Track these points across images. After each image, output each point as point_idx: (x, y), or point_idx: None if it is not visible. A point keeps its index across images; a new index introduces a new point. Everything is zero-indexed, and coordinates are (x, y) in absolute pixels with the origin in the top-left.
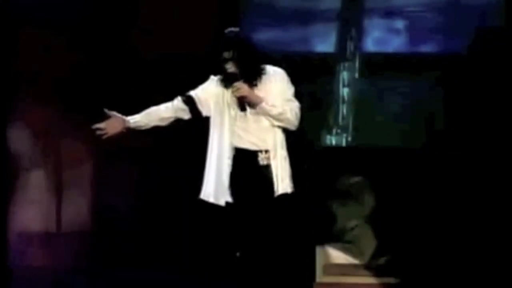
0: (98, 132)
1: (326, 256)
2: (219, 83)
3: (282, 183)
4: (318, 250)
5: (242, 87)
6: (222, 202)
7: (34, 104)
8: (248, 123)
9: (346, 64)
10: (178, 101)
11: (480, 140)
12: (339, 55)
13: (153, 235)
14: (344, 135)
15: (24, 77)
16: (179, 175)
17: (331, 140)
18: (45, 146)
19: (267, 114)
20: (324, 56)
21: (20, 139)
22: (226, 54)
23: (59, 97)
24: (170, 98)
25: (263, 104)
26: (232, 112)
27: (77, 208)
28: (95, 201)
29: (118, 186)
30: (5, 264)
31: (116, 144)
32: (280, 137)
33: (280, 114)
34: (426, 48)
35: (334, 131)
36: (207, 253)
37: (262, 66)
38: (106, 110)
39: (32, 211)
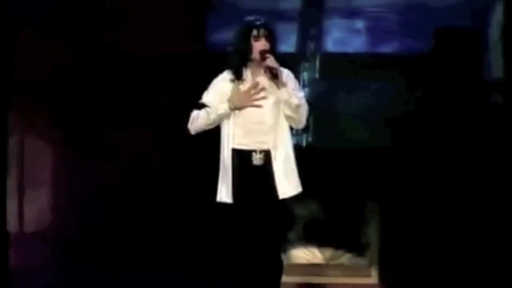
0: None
1: (288, 256)
2: (226, 80)
3: (282, 185)
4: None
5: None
6: (219, 199)
7: (30, 105)
8: (249, 123)
9: (307, 65)
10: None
11: (441, 139)
12: (300, 56)
13: (152, 236)
14: (304, 135)
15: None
16: (178, 175)
17: (292, 140)
18: (41, 146)
19: (287, 101)
20: (285, 56)
21: (18, 139)
22: (266, 32)
23: (49, 97)
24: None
25: (285, 89)
26: (236, 111)
27: (74, 208)
28: (92, 202)
29: (116, 186)
30: (5, 263)
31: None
32: (282, 138)
33: (298, 106)
34: (387, 48)
35: (294, 131)
36: (208, 253)
37: None
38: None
39: (29, 211)
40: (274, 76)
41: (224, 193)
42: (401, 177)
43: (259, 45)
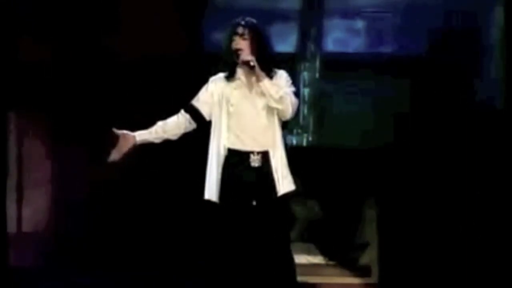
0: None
1: None
2: (218, 81)
3: (283, 182)
4: None
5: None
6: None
7: (29, 106)
8: (245, 123)
9: (307, 64)
10: (181, 114)
11: (440, 139)
12: (300, 55)
13: (153, 236)
14: (305, 135)
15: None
16: (178, 176)
17: (292, 140)
18: (40, 146)
19: (268, 92)
20: (284, 56)
21: (17, 142)
22: (240, 30)
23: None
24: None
25: (266, 81)
26: (231, 108)
27: (73, 208)
28: (92, 202)
29: (116, 187)
30: (5, 263)
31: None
32: (278, 136)
33: (281, 97)
34: (386, 48)
35: (294, 131)
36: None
37: (273, 65)
38: (115, 130)
39: (28, 211)
40: (251, 68)
41: (213, 192)
42: (400, 176)
43: (234, 44)
